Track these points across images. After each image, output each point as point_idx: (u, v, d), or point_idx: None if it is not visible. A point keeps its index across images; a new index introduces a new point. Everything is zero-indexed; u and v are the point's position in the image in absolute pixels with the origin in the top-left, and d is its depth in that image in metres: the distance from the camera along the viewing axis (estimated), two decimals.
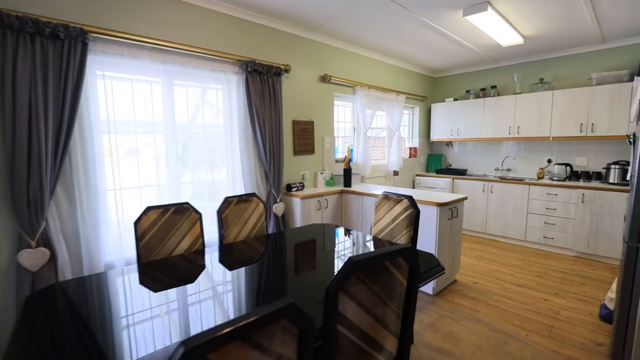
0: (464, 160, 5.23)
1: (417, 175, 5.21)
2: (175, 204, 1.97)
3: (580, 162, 4.14)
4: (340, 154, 4.15)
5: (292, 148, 3.42)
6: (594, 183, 3.83)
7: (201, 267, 1.74)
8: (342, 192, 3.55)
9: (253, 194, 2.37)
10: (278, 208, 3.15)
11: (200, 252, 1.94)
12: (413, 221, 2.03)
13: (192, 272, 1.66)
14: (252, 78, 2.92)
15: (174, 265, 1.73)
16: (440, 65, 4.92)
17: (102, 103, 2.25)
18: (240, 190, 3.03)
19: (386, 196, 2.25)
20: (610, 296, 2.43)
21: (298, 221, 3.22)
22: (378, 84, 4.36)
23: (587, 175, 4.01)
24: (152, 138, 2.60)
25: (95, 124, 2.19)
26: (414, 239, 2.03)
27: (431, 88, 5.44)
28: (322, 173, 3.67)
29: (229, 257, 1.87)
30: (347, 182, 3.64)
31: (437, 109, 5.14)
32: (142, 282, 1.54)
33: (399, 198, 2.15)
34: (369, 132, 4.46)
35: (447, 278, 2.99)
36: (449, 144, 5.38)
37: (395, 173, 4.86)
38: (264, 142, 3.03)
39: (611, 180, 3.70)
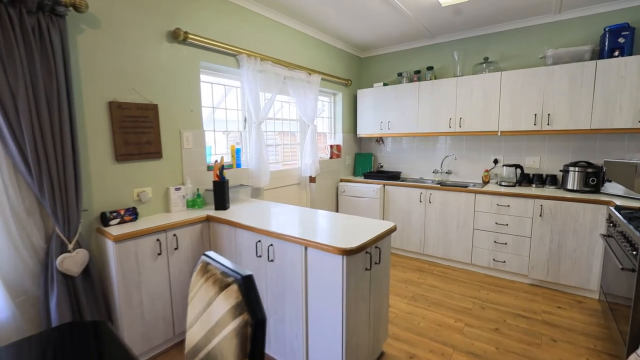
0: (397, 160, 4.23)
1: (341, 180, 4.08)
2: None
3: (532, 163, 3.34)
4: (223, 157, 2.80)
5: (110, 150, 1.98)
6: (549, 189, 3.03)
7: None
8: (208, 219, 2.21)
9: None
10: (69, 262, 1.71)
11: None
12: (249, 349, 0.78)
13: None
14: None
15: None
16: (368, 40, 3.82)
17: None
18: None
19: (205, 267, 0.97)
20: None
21: (115, 282, 1.82)
22: (280, 57, 3.09)
23: (540, 179, 3.21)
24: None
25: None
26: None
27: (357, 70, 4.34)
28: (178, 189, 2.29)
29: None
30: (220, 202, 2.31)
31: (365, 96, 4.05)
32: None
33: (224, 278, 0.88)
34: (269, 124, 3.19)
35: (368, 356, 1.84)
36: (380, 140, 4.34)
37: (312, 180, 3.66)
38: (19, 142, 1.56)
39: (569, 186, 2.91)
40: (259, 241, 1.87)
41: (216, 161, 2.31)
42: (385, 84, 3.90)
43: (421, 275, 3.18)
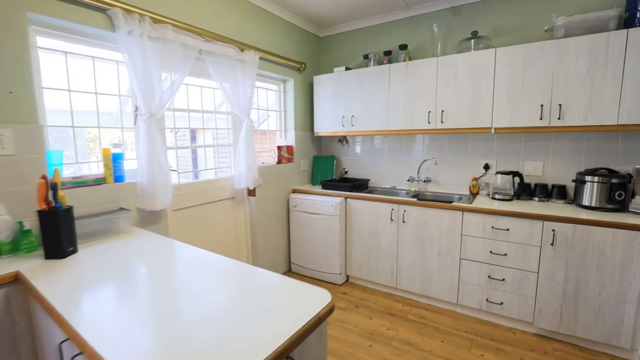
0: (365, 164, 3.40)
1: (293, 191, 3.20)
2: None
3: (533, 169, 2.58)
4: (57, 169, 1.86)
5: None
6: (557, 205, 2.28)
7: None
8: (17, 280, 1.28)
9: None
10: None
11: None
12: None
13: None
14: None
15: None
16: (327, 12, 2.95)
17: None
18: None
19: None
20: None
21: None
22: (191, 22, 2.17)
23: (545, 191, 2.46)
24: None
25: None
26: None
27: (315, 52, 3.47)
28: None
29: None
30: (53, 246, 1.38)
31: (322, 84, 3.19)
32: None
33: None
34: (174, 117, 2.27)
35: None
36: (343, 140, 3.49)
37: (251, 192, 2.77)
38: None
39: (585, 202, 2.17)
40: (67, 340, 0.97)
41: (44, 177, 1.37)
42: (347, 69, 3.05)
43: (392, 322, 2.36)
